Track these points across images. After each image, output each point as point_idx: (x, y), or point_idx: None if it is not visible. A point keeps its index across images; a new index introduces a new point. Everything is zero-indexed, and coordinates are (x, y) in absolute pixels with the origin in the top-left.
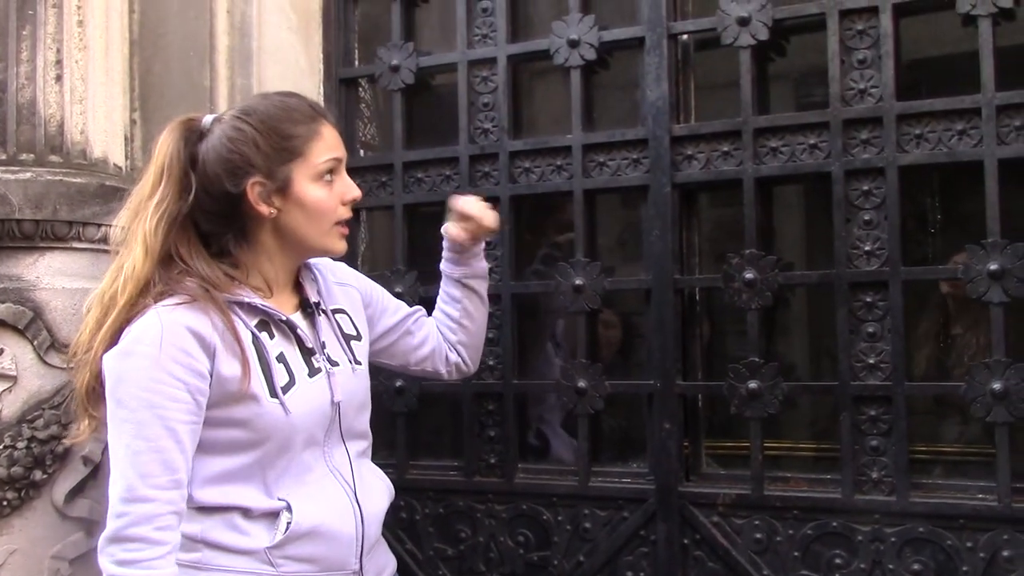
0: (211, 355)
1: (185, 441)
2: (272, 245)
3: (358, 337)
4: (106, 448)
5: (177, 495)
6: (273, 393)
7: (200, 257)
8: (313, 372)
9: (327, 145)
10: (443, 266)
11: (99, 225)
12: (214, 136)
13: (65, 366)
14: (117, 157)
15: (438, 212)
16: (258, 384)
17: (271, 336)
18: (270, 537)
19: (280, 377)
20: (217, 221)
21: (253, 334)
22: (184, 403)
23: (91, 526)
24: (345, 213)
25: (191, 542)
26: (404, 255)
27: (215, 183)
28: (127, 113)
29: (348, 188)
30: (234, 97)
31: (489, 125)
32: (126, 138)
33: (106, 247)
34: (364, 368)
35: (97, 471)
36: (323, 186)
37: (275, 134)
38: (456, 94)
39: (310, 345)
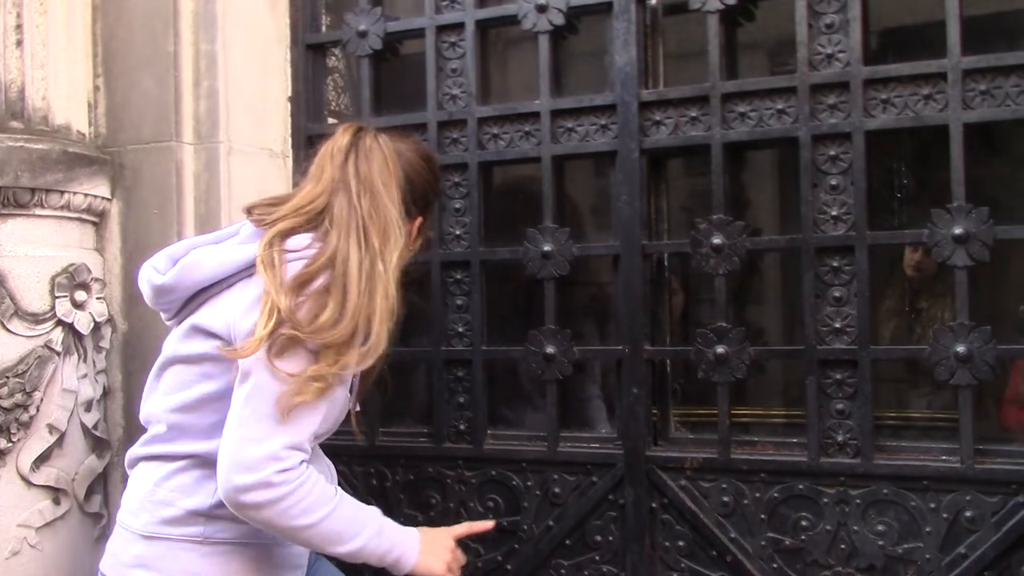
0: None
1: None
2: None
3: None
4: (72, 415)
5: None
6: (351, 387)
7: None
8: None
9: None
10: None
11: (62, 192)
12: (413, 160)
13: (28, 334)
14: (80, 124)
15: None
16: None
17: None
18: None
19: None
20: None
21: None
22: None
23: (58, 494)
24: None
25: (192, 516)
26: None
27: (406, 205)
28: (90, 79)
29: None
30: (199, 63)
31: (457, 91)
32: (89, 104)
33: (70, 214)
34: None
35: (63, 439)
36: None
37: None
38: (424, 60)
39: None
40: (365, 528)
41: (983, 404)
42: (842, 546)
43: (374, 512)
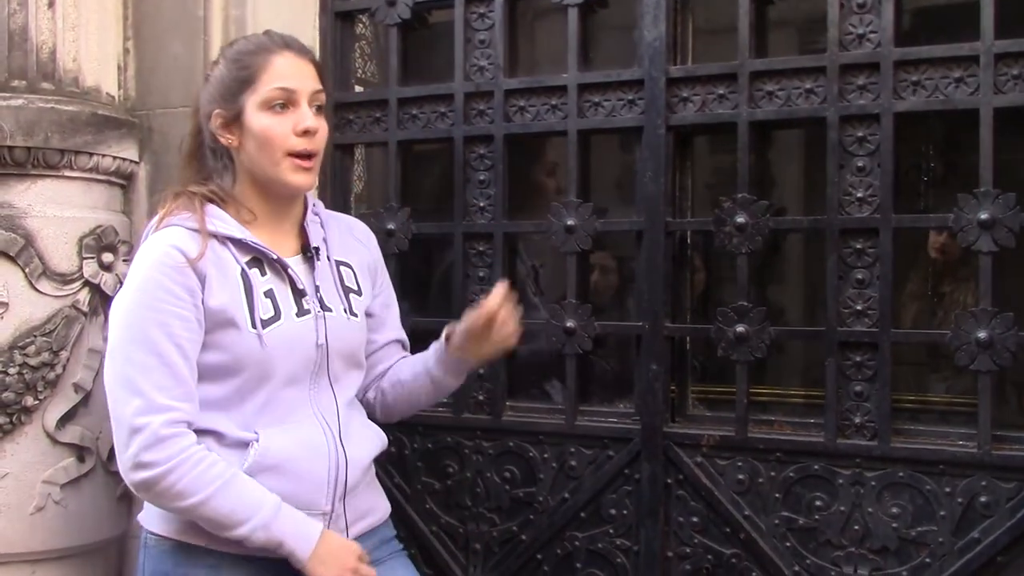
0: (202, 278)
1: (191, 357)
2: (246, 178)
3: (358, 292)
4: (97, 375)
5: (191, 407)
6: (253, 324)
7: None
8: (301, 312)
9: (276, 74)
10: (429, 356)
11: (91, 154)
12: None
13: (56, 294)
14: (110, 86)
15: (432, 149)
16: (240, 313)
17: (263, 273)
18: (240, 465)
19: (264, 311)
20: (212, 156)
21: (242, 268)
22: (187, 321)
23: (82, 452)
24: (298, 144)
25: None
26: (397, 192)
27: (197, 119)
28: (120, 42)
29: (301, 118)
30: (228, 28)
31: (485, 62)
32: (119, 67)
33: (98, 176)
34: (360, 321)
35: (88, 398)
36: (271, 115)
37: (233, 66)
38: (453, 31)
39: (301, 287)
40: (251, 518)
41: (1003, 390)
42: (856, 527)
43: (267, 503)
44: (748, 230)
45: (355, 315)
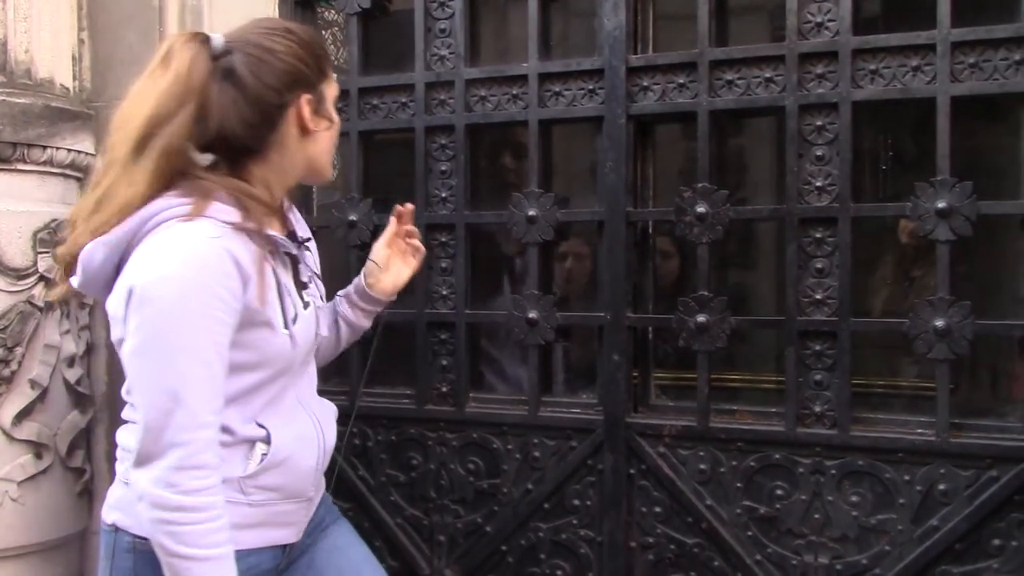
0: (245, 282)
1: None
2: (280, 165)
3: (319, 275)
4: (54, 371)
5: (220, 419)
6: (286, 324)
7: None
8: (305, 305)
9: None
10: (340, 304)
11: (45, 147)
12: (251, 49)
13: (11, 289)
14: (64, 77)
15: (393, 139)
16: (275, 314)
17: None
18: (244, 467)
19: (289, 308)
20: (246, 137)
21: (271, 265)
22: (228, 327)
23: (40, 449)
24: None
25: None
26: (359, 182)
27: (262, 95)
28: (75, 33)
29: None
30: (184, 18)
31: (446, 52)
32: (74, 58)
33: (53, 169)
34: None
35: (45, 395)
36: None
37: (316, 52)
38: (414, 19)
39: (304, 279)
40: None
41: (976, 376)
42: (816, 515)
43: None
44: (708, 220)
45: (323, 300)
